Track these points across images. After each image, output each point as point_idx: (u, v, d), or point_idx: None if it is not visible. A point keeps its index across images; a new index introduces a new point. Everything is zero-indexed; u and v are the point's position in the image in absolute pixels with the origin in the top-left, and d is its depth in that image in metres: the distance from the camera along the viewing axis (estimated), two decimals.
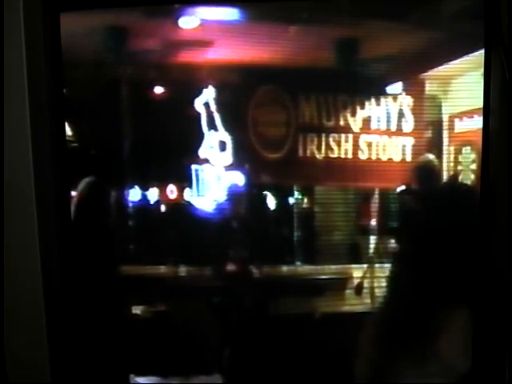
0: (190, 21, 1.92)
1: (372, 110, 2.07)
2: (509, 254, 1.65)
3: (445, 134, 2.11)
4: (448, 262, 2.05)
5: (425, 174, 2.10)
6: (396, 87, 2.12)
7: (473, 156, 2.00)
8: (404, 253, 2.09)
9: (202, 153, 1.99)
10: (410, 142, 2.09)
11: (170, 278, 2.03)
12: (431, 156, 2.09)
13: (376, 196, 2.15)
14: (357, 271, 2.13)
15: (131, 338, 1.90)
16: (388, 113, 2.09)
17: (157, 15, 1.90)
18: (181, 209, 2.07)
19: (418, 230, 2.05)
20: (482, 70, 1.71)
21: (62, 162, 1.63)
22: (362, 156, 2.09)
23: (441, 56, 1.98)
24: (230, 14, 1.92)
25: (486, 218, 1.73)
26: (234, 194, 2.04)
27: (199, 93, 1.98)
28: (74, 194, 1.84)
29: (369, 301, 2.12)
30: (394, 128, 2.10)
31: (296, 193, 2.21)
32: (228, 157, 2.00)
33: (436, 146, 2.12)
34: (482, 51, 1.71)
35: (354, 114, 2.05)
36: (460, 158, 2.06)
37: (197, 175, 2.02)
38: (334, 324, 1.99)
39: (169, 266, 2.03)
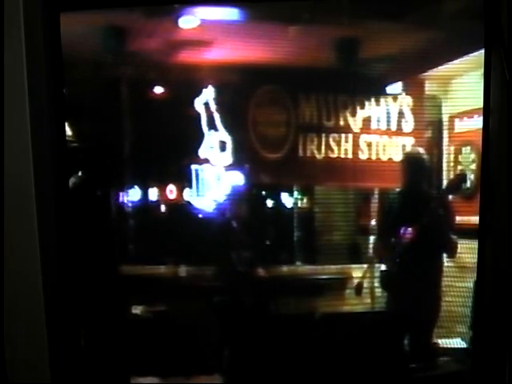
0: (189, 21, 1.92)
1: (372, 110, 2.07)
2: (509, 254, 1.65)
3: (445, 134, 2.11)
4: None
5: (415, 167, 2.10)
6: (396, 87, 2.12)
7: (473, 156, 2.00)
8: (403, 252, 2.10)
9: (202, 153, 1.99)
10: (410, 141, 2.09)
11: (169, 277, 2.03)
12: (421, 150, 2.10)
13: (376, 196, 2.15)
14: (357, 271, 2.13)
15: (131, 338, 1.90)
16: (388, 113, 2.09)
17: (157, 15, 1.90)
18: (181, 209, 2.07)
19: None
20: (482, 70, 1.71)
21: (62, 162, 1.63)
22: (362, 156, 2.09)
23: (441, 56, 1.98)
24: (230, 13, 1.92)
25: (487, 217, 1.73)
26: (233, 194, 2.04)
27: (199, 93, 1.98)
28: (73, 193, 1.84)
29: (369, 301, 2.12)
30: (394, 128, 2.10)
31: (296, 193, 2.21)
32: (228, 157, 2.00)
33: (436, 146, 2.12)
34: (482, 51, 1.71)
35: (353, 114, 2.05)
36: (460, 158, 2.07)
37: (197, 175, 2.01)
38: (334, 324, 1.99)
39: (169, 265, 2.03)
